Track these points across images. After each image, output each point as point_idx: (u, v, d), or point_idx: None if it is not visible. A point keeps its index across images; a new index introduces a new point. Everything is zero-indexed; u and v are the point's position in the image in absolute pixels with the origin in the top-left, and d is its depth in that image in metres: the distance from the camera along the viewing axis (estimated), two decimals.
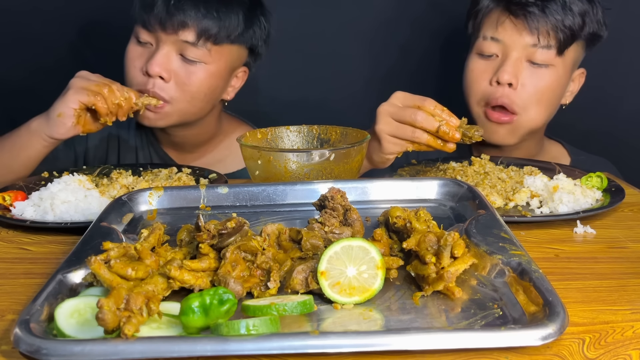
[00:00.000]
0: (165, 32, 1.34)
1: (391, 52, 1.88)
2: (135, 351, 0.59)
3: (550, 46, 1.36)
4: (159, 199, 1.02)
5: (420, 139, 1.13)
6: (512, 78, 1.37)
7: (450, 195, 1.02)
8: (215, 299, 0.65)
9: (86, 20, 1.84)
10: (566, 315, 0.63)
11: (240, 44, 1.43)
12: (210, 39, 1.36)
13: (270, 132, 1.20)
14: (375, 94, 1.90)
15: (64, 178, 1.14)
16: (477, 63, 1.44)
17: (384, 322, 0.68)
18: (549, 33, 1.35)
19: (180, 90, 1.38)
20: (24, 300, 0.76)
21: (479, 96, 1.43)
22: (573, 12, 1.36)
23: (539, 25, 1.35)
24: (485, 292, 0.73)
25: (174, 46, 1.36)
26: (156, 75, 1.35)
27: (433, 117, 1.11)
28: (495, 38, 1.39)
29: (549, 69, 1.39)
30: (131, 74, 1.39)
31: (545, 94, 1.41)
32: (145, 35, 1.37)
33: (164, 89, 1.36)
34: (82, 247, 0.81)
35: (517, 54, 1.38)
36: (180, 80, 1.37)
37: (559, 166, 1.32)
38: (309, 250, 0.79)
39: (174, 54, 1.36)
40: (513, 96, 1.39)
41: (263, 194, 1.02)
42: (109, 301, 0.61)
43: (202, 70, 1.38)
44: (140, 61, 1.38)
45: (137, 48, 1.39)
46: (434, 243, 0.75)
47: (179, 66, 1.37)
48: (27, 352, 0.60)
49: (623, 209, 1.12)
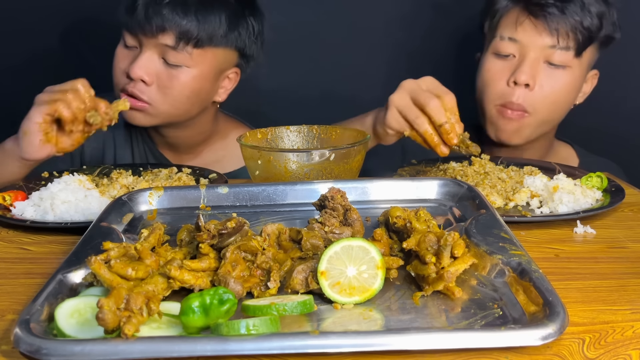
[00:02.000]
0: (146, 36, 1.35)
1: (393, 52, 1.88)
2: (135, 351, 0.59)
3: (568, 47, 1.36)
4: (159, 199, 1.02)
5: (420, 126, 1.11)
6: (529, 79, 1.37)
7: (450, 195, 1.02)
8: (215, 299, 0.65)
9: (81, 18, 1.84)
10: (566, 315, 0.63)
11: (225, 46, 1.42)
12: (191, 43, 1.36)
13: (270, 132, 1.20)
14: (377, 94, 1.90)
15: (64, 178, 1.14)
16: (493, 63, 1.43)
17: (384, 322, 0.68)
18: (568, 34, 1.35)
19: (161, 94, 1.38)
20: (24, 300, 0.76)
21: (494, 96, 1.43)
22: (591, 13, 1.35)
23: (558, 26, 1.35)
24: (485, 292, 0.73)
25: (156, 49, 1.36)
26: (138, 78, 1.36)
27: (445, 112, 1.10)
28: (513, 38, 1.39)
29: (566, 70, 1.39)
30: (116, 76, 1.41)
31: (561, 95, 1.41)
32: (129, 38, 1.38)
33: (144, 92, 1.37)
34: (82, 247, 0.81)
35: (535, 55, 1.37)
36: (162, 83, 1.38)
37: (559, 166, 1.32)
38: (309, 250, 0.79)
39: (156, 58, 1.37)
40: (530, 97, 1.39)
41: (263, 194, 1.02)
42: (109, 301, 0.61)
43: (184, 74, 1.38)
44: (125, 64, 1.39)
45: (124, 51, 1.40)
46: (434, 243, 0.75)
47: (161, 70, 1.37)
48: (27, 352, 0.60)
49: (623, 209, 1.12)
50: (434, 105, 1.09)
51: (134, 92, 1.37)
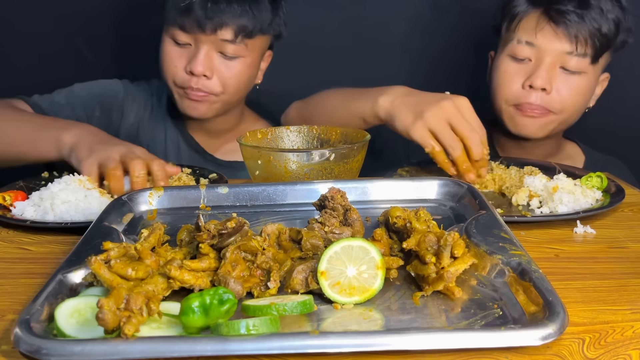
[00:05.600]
0: (205, 34, 1.42)
1: (394, 52, 1.88)
2: (135, 351, 0.59)
3: (585, 54, 1.37)
4: (159, 199, 1.02)
5: (455, 151, 1.14)
6: (546, 84, 1.38)
7: (450, 195, 1.02)
8: (215, 299, 0.65)
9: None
10: (566, 315, 0.63)
11: (270, 33, 1.52)
12: (247, 35, 1.44)
13: (270, 132, 1.20)
14: None
15: (64, 178, 1.14)
16: (509, 65, 1.44)
17: (384, 322, 0.68)
18: (586, 41, 1.36)
19: (223, 85, 1.47)
20: (24, 300, 0.76)
21: (509, 96, 1.44)
22: (609, 19, 1.36)
23: (578, 32, 1.35)
24: (485, 292, 0.73)
25: (213, 45, 1.44)
26: (200, 74, 1.44)
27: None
28: (531, 43, 1.39)
29: (581, 76, 1.40)
30: (173, 72, 1.47)
31: (578, 99, 1.42)
32: (183, 36, 1.44)
33: (207, 85, 1.46)
34: (82, 247, 0.81)
35: (552, 60, 1.38)
36: (222, 75, 1.46)
37: (559, 166, 1.32)
38: (309, 250, 0.79)
39: (214, 53, 1.45)
40: (548, 100, 1.40)
41: (263, 194, 1.02)
42: (109, 301, 0.61)
43: (241, 64, 1.48)
44: (182, 61, 1.46)
45: (176, 49, 1.47)
46: (434, 243, 0.75)
47: (219, 63, 1.46)
48: (27, 352, 0.60)
49: (623, 209, 1.12)
50: (476, 141, 1.14)
51: (199, 87, 1.45)
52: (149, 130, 1.63)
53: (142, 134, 1.63)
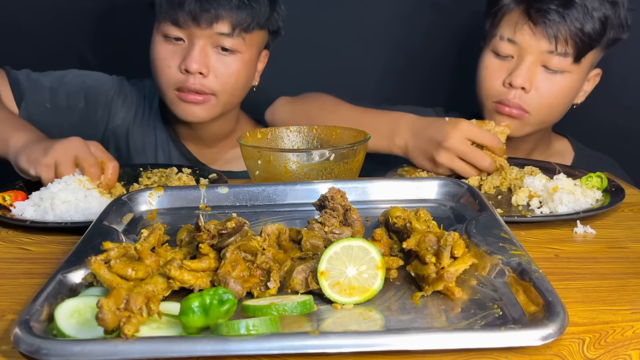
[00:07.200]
0: (200, 27, 1.34)
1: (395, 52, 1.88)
2: (135, 351, 0.59)
3: (567, 54, 1.35)
4: (159, 199, 1.02)
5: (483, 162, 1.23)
6: (525, 82, 1.37)
7: (450, 195, 1.02)
8: (215, 299, 0.65)
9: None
10: (566, 315, 0.63)
11: (267, 28, 1.45)
12: (244, 29, 1.37)
13: (270, 132, 1.20)
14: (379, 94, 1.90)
15: (64, 178, 1.13)
16: (491, 61, 1.43)
17: (384, 322, 0.68)
18: (567, 41, 1.34)
19: (220, 83, 1.39)
20: (24, 300, 0.76)
21: (491, 92, 1.44)
22: (594, 18, 1.33)
23: (557, 32, 1.33)
24: (485, 292, 0.73)
25: (208, 40, 1.36)
26: (196, 71, 1.36)
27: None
28: (512, 40, 1.38)
29: (564, 75, 1.38)
30: (167, 73, 1.39)
31: (558, 98, 1.41)
32: (175, 31, 1.36)
33: (204, 83, 1.38)
34: (82, 247, 0.81)
35: (533, 59, 1.37)
36: (219, 72, 1.38)
37: (559, 166, 1.32)
38: (309, 250, 0.79)
39: (209, 48, 1.37)
40: (526, 99, 1.39)
41: (263, 194, 1.02)
42: (109, 301, 0.61)
43: (237, 60, 1.40)
44: (175, 59, 1.38)
45: (168, 46, 1.39)
46: (434, 243, 0.75)
47: (215, 59, 1.38)
48: (27, 352, 0.60)
49: (623, 209, 1.12)
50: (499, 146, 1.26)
51: (196, 87, 1.37)
52: (138, 136, 1.56)
53: (131, 139, 1.56)
